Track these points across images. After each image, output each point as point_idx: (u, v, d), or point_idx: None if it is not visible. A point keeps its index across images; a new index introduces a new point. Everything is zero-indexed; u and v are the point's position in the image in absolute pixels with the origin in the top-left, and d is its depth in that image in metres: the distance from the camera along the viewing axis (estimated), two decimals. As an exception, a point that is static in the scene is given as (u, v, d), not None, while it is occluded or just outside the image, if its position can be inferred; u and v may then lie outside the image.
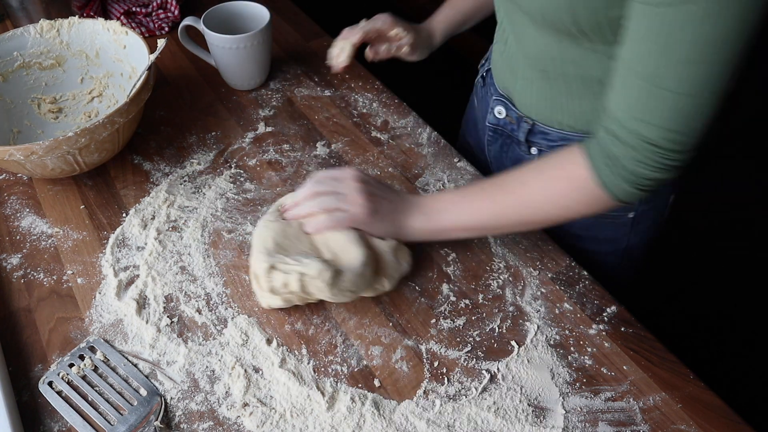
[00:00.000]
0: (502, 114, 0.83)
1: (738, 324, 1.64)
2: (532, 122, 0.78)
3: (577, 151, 0.61)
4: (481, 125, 0.91)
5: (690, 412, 0.60)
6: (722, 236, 1.84)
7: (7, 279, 0.72)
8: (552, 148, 0.78)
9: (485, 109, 0.87)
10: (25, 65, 0.89)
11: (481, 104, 0.90)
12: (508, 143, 0.85)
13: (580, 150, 0.61)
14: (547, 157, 0.64)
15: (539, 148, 0.80)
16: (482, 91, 0.90)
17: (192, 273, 0.72)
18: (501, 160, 0.88)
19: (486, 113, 0.87)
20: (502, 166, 0.89)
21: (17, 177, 0.84)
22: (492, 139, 0.87)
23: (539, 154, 0.80)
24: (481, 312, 0.68)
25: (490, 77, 0.87)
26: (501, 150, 0.87)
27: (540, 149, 0.80)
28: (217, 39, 0.90)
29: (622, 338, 0.66)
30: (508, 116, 0.82)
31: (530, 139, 0.80)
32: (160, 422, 0.58)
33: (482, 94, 0.90)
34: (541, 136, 0.78)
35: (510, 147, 0.85)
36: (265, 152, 0.87)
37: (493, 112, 0.84)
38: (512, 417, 0.59)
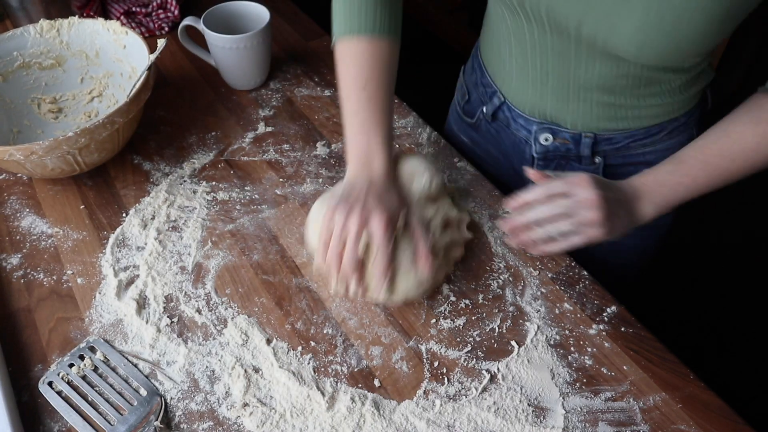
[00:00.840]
0: (549, 140, 0.80)
1: (738, 324, 1.64)
2: (594, 135, 0.77)
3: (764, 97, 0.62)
4: (507, 161, 0.87)
5: (690, 412, 0.60)
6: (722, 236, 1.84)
7: (7, 279, 0.72)
8: (618, 150, 0.78)
9: (512, 143, 0.85)
10: (25, 65, 0.89)
11: (499, 141, 0.87)
12: (563, 164, 0.82)
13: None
14: (739, 114, 0.64)
15: (604, 155, 0.79)
16: (493, 127, 0.87)
17: (192, 273, 0.72)
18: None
19: (517, 147, 0.84)
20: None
21: (17, 177, 0.84)
22: (542, 166, 0.84)
23: (604, 161, 0.79)
24: (481, 312, 0.68)
25: (506, 111, 0.83)
26: (554, 169, 0.84)
27: (605, 155, 0.79)
28: (217, 39, 0.90)
29: (622, 338, 0.66)
30: (558, 139, 0.79)
31: (594, 150, 0.78)
32: (160, 422, 0.58)
33: (496, 130, 0.87)
34: (606, 143, 0.78)
35: (567, 166, 0.82)
36: (265, 152, 0.87)
37: (538, 141, 0.80)
38: (512, 417, 0.59)
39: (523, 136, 0.82)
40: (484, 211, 0.79)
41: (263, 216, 0.78)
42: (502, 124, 0.85)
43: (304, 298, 0.70)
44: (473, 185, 0.82)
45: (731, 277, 1.75)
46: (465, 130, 0.93)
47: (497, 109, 0.84)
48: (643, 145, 0.77)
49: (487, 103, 0.85)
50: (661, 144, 0.78)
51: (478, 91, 0.87)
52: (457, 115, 0.94)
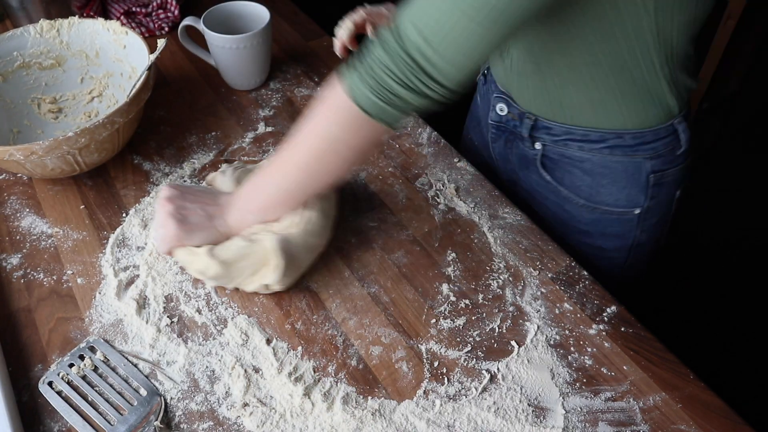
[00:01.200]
0: (503, 111, 0.83)
1: (738, 324, 1.64)
2: (535, 118, 0.79)
3: (336, 78, 0.59)
4: (484, 123, 0.91)
5: (690, 412, 0.60)
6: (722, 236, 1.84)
7: (7, 279, 0.72)
8: (556, 142, 0.79)
9: (487, 106, 0.88)
10: (25, 65, 0.89)
11: (483, 102, 0.91)
12: (511, 139, 0.85)
13: (338, 76, 0.59)
14: (315, 104, 0.63)
15: (543, 143, 0.80)
16: (484, 89, 0.91)
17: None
18: (506, 157, 0.89)
19: (488, 111, 0.87)
20: (508, 162, 0.89)
21: (17, 177, 0.84)
22: (495, 136, 0.88)
23: (543, 149, 0.81)
24: (481, 312, 0.68)
25: (490, 74, 0.87)
26: (505, 146, 0.88)
27: (544, 144, 0.80)
28: (217, 39, 0.90)
29: (622, 338, 0.66)
30: (510, 113, 0.82)
31: (534, 135, 0.80)
32: (160, 422, 0.58)
33: (484, 92, 0.91)
34: (544, 131, 0.79)
35: (514, 143, 0.85)
36: (265, 152, 0.87)
37: (495, 109, 0.84)
38: (512, 417, 0.59)
39: (491, 102, 0.86)
40: (484, 211, 0.79)
41: (263, 216, 0.78)
42: (487, 86, 0.89)
43: (304, 298, 0.70)
44: (473, 185, 0.82)
45: (731, 277, 1.75)
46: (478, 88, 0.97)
47: (487, 70, 0.89)
48: (581, 148, 0.77)
49: (486, 64, 0.90)
50: (599, 156, 0.76)
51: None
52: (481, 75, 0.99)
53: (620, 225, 0.82)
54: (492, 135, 0.88)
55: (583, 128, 0.75)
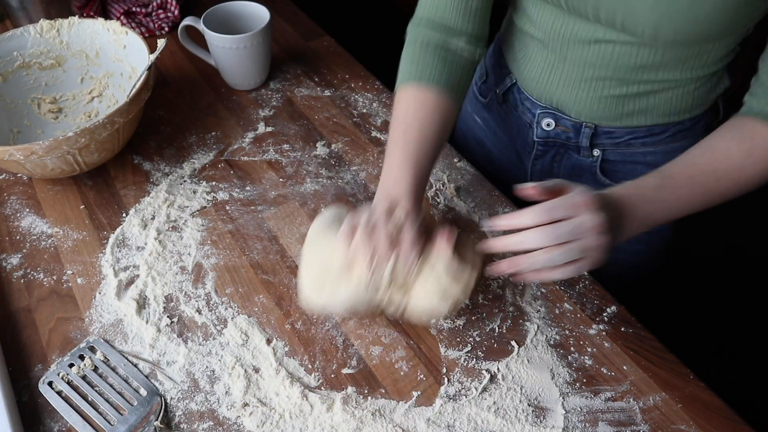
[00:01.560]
0: (551, 126, 0.80)
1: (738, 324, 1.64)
2: (594, 126, 0.77)
3: (747, 117, 0.63)
4: (511, 143, 0.89)
5: (690, 412, 0.60)
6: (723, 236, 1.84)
7: (7, 279, 0.72)
8: (617, 145, 0.78)
9: (517, 125, 0.86)
10: (25, 65, 0.89)
11: (507, 122, 0.88)
12: (561, 152, 0.83)
13: (748, 116, 0.63)
14: (720, 134, 0.64)
15: (603, 148, 0.79)
16: (503, 108, 0.88)
17: (192, 273, 0.72)
18: (549, 171, 0.86)
19: (521, 129, 0.85)
20: (550, 175, 0.86)
21: (17, 177, 0.84)
22: (541, 152, 0.85)
23: (602, 154, 0.79)
24: (481, 312, 0.68)
25: (516, 92, 0.84)
26: (551, 161, 0.85)
27: (604, 149, 0.79)
28: (217, 39, 0.90)
29: (622, 338, 0.66)
30: (560, 126, 0.80)
31: (593, 142, 0.79)
32: (160, 422, 0.58)
33: (505, 111, 0.87)
34: (606, 136, 0.78)
35: (564, 155, 0.83)
36: (265, 152, 0.87)
37: (540, 125, 0.81)
38: (512, 417, 0.59)
39: (528, 119, 0.83)
40: (484, 211, 0.79)
41: (263, 216, 0.78)
42: (511, 105, 0.86)
43: (304, 298, 0.70)
44: (473, 185, 0.82)
45: (731, 277, 1.75)
46: (479, 110, 0.95)
47: (507, 90, 0.85)
48: (644, 144, 0.77)
49: (500, 84, 0.87)
50: (663, 146, 0.78)
51: (495, 73, 0.89)
52: (473, 94, 0.96)
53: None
54: (538, 152, 0.85)
55: (647, 126, 0.75)
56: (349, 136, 0.90)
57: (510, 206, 0.79)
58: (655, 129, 0.76)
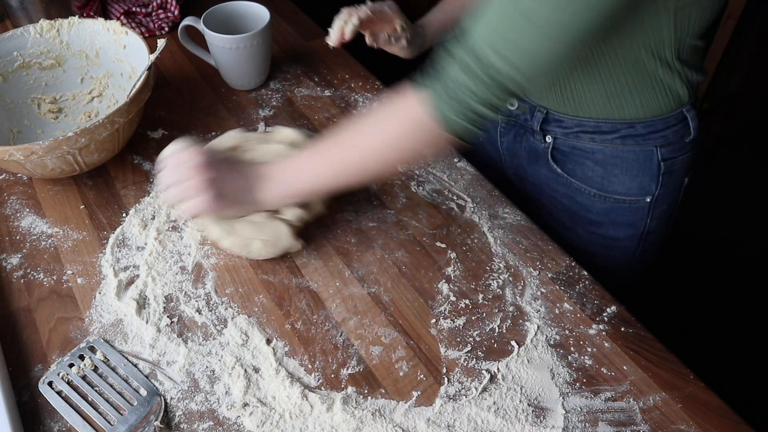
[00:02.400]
0: (514, 105, 0.83)
1: (738, 324, 1.64)
2: (546, 111, 0.79)
3: (410, 90, 0.62)
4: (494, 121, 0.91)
5: (690, 412, 0.60)
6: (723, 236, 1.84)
7: (7, 279, 0.72)
8: (567, 135, 0.79)
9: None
10: (25, 65, 0.89)
11: None
12: (521, 133, 0.86)
13: (411, 88, 0.61)
14: (380, 104, 0.65)
15: (554, 136, 0.81)
16: None
17: (192, 273, 0.72)
18: (514, 151, 0.89)
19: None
20: (515, 156, 0.90)
21: (17, 177, 0.84)
22: (505, 130, 0.88)
23: (554, 142, 0.81)
24: (481, 312, 0.68)
25: None
26: (514, 140, 0.88)
27: (555, 136, 0.80)
28: (217, 39, 0.90)
29: (622, 338, 0.66)
30: (521, 106, 0.82)
31: (545, 128, 0.81)
32: (160, 422, 0.58)
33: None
34: (556, 124, 0.79)
35: (524, 137, 0.86)
36: (265, 152, 0.87)
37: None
38: (512, 417, 0.59)
39: None
40: (484, 211, 0.79)
41: (263, 216, 0.78)
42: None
43: (304, 298, 0.70)
44: (473, 185, 0.82)
45: (731, 277, 1.75)
46: None
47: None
48: (593, 140, 0.78)
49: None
50: (611, 148, 0.77)
51: None
52: None
53: (632, 213, 0.83)
54: (501, 129, 0.89)
55: (594, 120, 0.76)
56: (349, 136, 0.90)
57: (510, 206, 0.79)
58: (603, 126, 0.76)
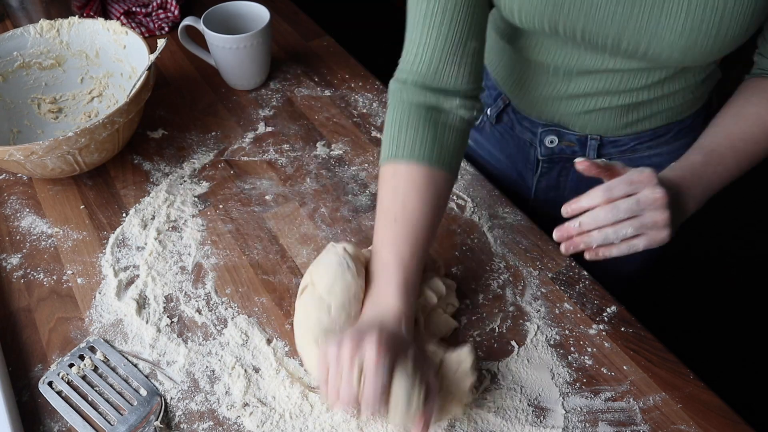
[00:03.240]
0: (554, 143, 0.80)
1: (738, 324, 1.64)
2: (600, 137, 0.77)
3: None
4: (512, 163, 0.87)
5: (690, 412, 0.60)
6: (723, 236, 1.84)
7: (7, 279, 0.72)
8: (624, 152, 0.78)
9: (516, 145, 0.85)
10: (25, 65, 0.89)
11: (504, 142, 0.87)
12: (568, 167, 0.82)
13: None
14: (745, 96, 0.65)
15: (609, 157, 0.78)
16: (497, 129, 0.87)
17: (192, 273, 0.72)
18: (557, 185, 0.85)
19: (522, 148, 0.84)
20: (556, 189, 0.86)
21: (17, 177, 0.84)
22: (547, 169, 0.84)
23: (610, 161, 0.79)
24: (481, 312, 0.68)
25: (511, 113, 0.83)
26: (558, 177, 0.84)
27: (610, 158, 0.78)
28: (217, 39, 0.90)
29: (622, 338, 0.66)
30: (564, 141, 0.79)
31: (601, 153, 0.79)
32: (160, 422, 0.58)
33: (501, 132, 0.87)
34: (611, 146, 0.78)
35: (572, 169, 0.81)
36: (265, 152, 0.87)
37: (543, 143, 0.80)
38: (512, 417, 0.59)
39: (528, 138, 0.82)
40: (484, 211, 0.79)
41: (263, 216, 0.78)
42: (506, 126, 0.85)
43: (304, 298, 0.69)
44: (473, 185, 0.82)
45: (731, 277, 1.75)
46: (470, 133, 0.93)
47: (501, 111, 0.84)
48: (649, 147, 0.78)
49: (491, 106, 0.85)
50: (666, 147, 0.78)
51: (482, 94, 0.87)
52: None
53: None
54: (543, 169, 0.84)
55: (652, 130, 0.76)
56: (349, 136, 0.90)
57: (510, 206, 0.79)
58: (660, 131, 0.77)
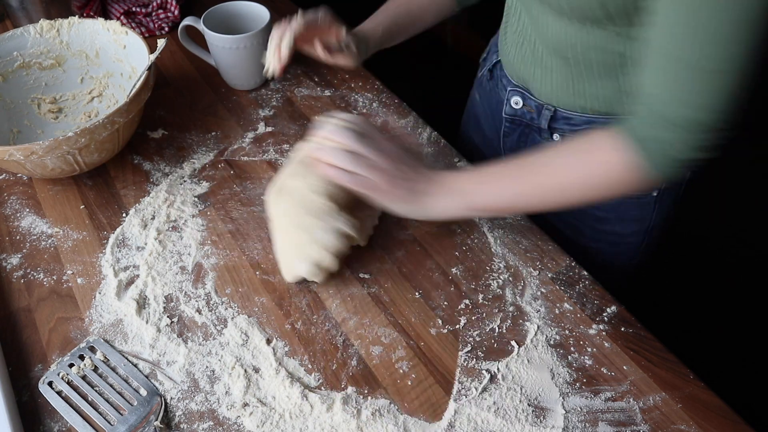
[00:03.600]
0: (519, 104, 0.83)
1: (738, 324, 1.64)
2: (554, 109, 0.79)
3: (606, 134, 0.61)
4: (492, 119, 0.91)
5: (690, 412, 0.60)
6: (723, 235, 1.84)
7: (7, 279, 0.72)
8: (575, 132, 0.79)
9: (496, 101, 0.88)
10: (25, 65, 0.89)
11: (490, 98, 0.91)
12: (527, 132, 0.86)
13: (611, 133, 0.61)
14: (573, 141, 0.64)
15: (561, 134, 0.81)
16: (489, 84, 0.91)
17: (192, 273, 0.72)
18: (519, 151, 0.88)
19: (498, 106, 0.87)
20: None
21: (17, 177, 0.84)
22: (509, 130, 0.88)
23: (561, 140, 0.81)
24: (481, 312, 0.68)
25: (498, 69, 0.87)
26: (519, 140, 0.88)
27: (562, 134, 0.81)
28: (217, 39, 0.90)
29: (622, 338, 0.66)
30: (526, 105, 0.82)
31: (553, 126, 0.81)
32: (160, 422, 0.58)
33: (490, 87, 0.91)
34: (564, 121, 0.79)
35: (529, 136, 0.86)
36: (265, 152, 0.87)
37: (510, 103, 0.84)
38: (512, 417, 0.59)
39: (502, 96, 0.86)
40: (484, 211, 0.79)
41: (263, 216, 0.78)
42: (494, 82, 0.90)
43: (304, 298, 0.70)
44: (473, 185, 0.82)
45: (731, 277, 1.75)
46: (477, 85, 0.98)
47: (493, 66, 0.89)
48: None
49: (490, 60, 0.90)
50: None
51: (492, 50, 0.92)
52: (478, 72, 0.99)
53: (638, 208, 0.83)
54: (506, 129, 0.88)
55: (605, 116, 0.76)
56: (349, 136, 0.90)
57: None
58: (613, 121, 0.76)
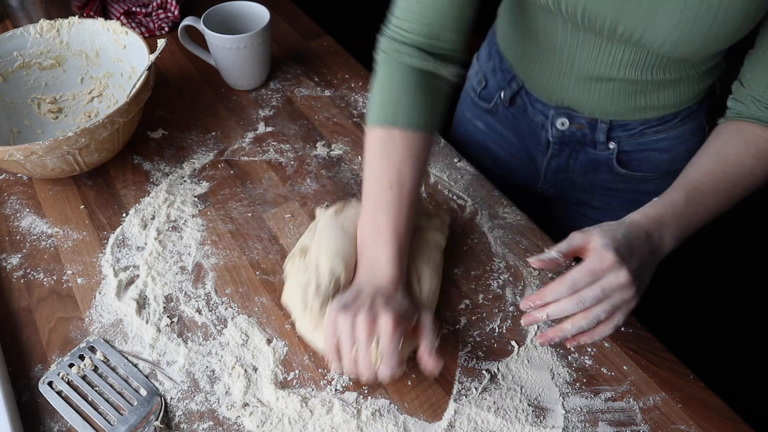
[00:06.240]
0: (565, 125, 0.82)
1: (738, 324, 1.64)
2: (609, 121, 0.79)
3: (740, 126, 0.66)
4: (524, 144, 0.89)
5: (690, 412, 0.60)
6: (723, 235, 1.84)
7: (7, 279, 0.72)
8: (632, 136, 0.80)
9: (528, 128, 0.86)
10: (25, 65, 0.89)
11: (517, 124, 0.88)
12: (577, 149, 0.84)
13: (741, 124, 0.66)
14: (726, 137, 0.66)
15: (618, 141, 0.81)
16: (511, 112, 0.88)
17: (192, 273, 0.72)
18: (564, 168, 0.87)
19: (534, 130, 0.85)
20: (565, 171, 0.88)
21: (17, 177, 0.84)
22: (557, 151, 0.85)
23: (618, 146, 0.81)
24: (481, 312, 0.68)
25: (524, 96, 0.84)
26: (567, 158, 0.86)
27: (619, 141, 0.81)
28: (217, 39, 0.90)
29: (622, 338, 0.66)
30: (575, 124, 0.81)
31: (610, 136, 0.81)
32: (160, 422, 0.58)
33: (513, 114, 0.87)
34: (620, 129, 0.80)
35: (581, 151, 0.84)
36: (265, 152, 0.87)
37: (555, 125, 0.82)
38: (512, 417, 0.59)
39: (540, 120, 0.84)
40: (484, 211, 0.79)
41: (263, 216, 0.78)
42: (520, 109, 0.87)
43: (304, 298, 0.69)
44: (473, 185, 0.82)
45: (731, 277, 1.75)
46: (480, 115, 0.94)
47: (515, 94, 0.86)
48: (657, 131, 0.80)
49: (505, 89, 0.87)
50: (674, 131, 0.80)
51: (495, 77, 0.88)
52: (471, 101, 0.95)
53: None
54: (554, 151, 0.85)
55: (660, 116, 0.78)
56: (349, 136, 0.90)
57: (510, 206, 0.79)
58: (667, 117, 0.79)
